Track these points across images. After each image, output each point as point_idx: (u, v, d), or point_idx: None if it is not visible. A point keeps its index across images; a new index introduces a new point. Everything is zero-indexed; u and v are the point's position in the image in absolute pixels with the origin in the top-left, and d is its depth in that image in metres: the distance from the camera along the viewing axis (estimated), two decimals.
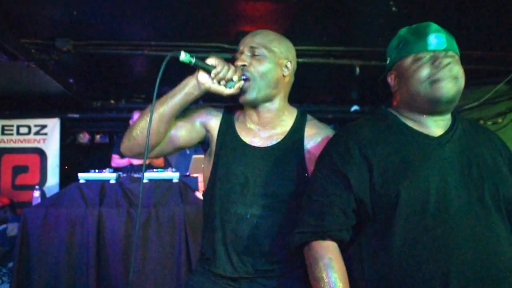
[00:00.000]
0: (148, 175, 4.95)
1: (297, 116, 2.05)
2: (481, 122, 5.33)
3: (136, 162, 5.87)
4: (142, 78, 6.73)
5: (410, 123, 1.71)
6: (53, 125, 7.78)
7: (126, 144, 1.94)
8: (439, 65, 1.60)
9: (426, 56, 1.64)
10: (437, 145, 1.65)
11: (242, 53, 1.96)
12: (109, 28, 4.63)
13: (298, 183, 1.89)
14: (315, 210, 1.65)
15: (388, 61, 1.81)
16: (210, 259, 1.91)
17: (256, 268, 1.86)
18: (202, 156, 2.07)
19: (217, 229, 1.90)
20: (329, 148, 1.76)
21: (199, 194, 5.50)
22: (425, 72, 1.63)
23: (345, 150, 1.67)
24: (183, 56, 1.74)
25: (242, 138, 1.98)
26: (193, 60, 1.77)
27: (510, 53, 4.94)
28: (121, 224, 4.48)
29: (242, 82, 1.89)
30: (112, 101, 7.77)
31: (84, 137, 8.52)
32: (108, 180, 4.82)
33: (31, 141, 7.76)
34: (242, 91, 1.92)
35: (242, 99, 1.94)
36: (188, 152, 9.69)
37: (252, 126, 2.00)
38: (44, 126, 7.77)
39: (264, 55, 1.92)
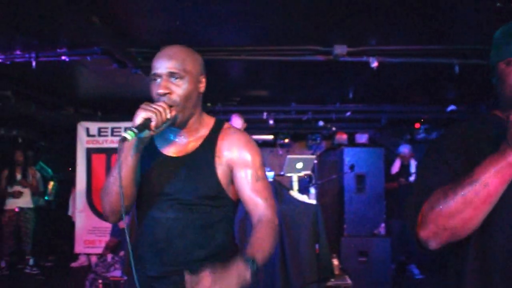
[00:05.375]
0: None
1: (214, 125, 2.09)
2: None
3: None
4: (237, 82, 6.96)
5: None
6: None
7: (107, 212, 2.01)
8: None
9: None
10: None
11: (159, 77, 1.91)
12: (207, 35, 4.84)
13: (209, 186, 1.97)
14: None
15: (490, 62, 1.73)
16: (138, 261, 2.02)
17: (173, 266, 1.96)
18: (297, 156, 2.14)
19: (141, 233, 2.04)
20: (439, 142, 1.72)
21: (294, 193, 5.64)
22: None
23: (453, 145, 1.64)
24: (128, 137, 1.69)
25: (160, 149, 2.05)
26: (135, 132, 1.72)
27: None
28: None
29: (174, 112, 1.90)
30: (208, 104, 8.08)
31: None
32: None
33: None
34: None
35: (171, 124, 1.95)
36: (280, 152, 9.86)
37: (171, 137, 2.05)
38: None
39: (183, 78, 1.91)
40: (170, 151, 2.04)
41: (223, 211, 2.03)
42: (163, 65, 1.89)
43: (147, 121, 1.76)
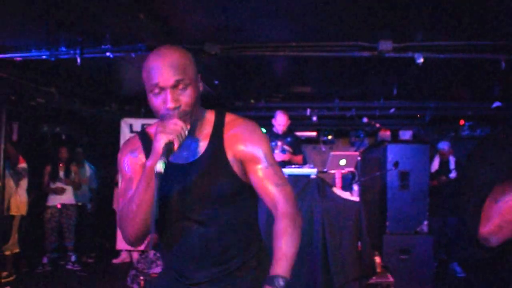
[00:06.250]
0: (287, 171, 5.15)
1: (215, 119, 2.02)
2: None
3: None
4: (281, 78, 6.96)
5: None
6: None
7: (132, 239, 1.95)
8: None
9: None
10: None
11: (162, 90, 1.78)
12: (251, 31, 4.85)
13: (230, 183, 1.92)
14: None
15: None
16: (177, 274, 2.02)
17: (214, 268, 1.96)
18: (340, 152, 2.12)
19: (170, 246, 2.00)
20: (495, 137, 1.74)
21: (337, 190, 5.61)
22: None
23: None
24: (162, 169, 1.65)
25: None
26: (165, 161, 1.68)
27: None
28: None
29: (188, 124, 1.82)
30: (252, 101, 8.11)
31: None
32: None
33: None
34: None
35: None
36: (323, 149, 9.82)
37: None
38: None
39: (186, 85, 1.80)
40: (179, 158, 1.95)
41: (248, 205, 2.03)
42: (166, 76, 1.76)
43: (170, 145, 1.72)
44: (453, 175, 7.77)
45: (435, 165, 8.06)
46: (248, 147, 1.94)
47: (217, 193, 1.91)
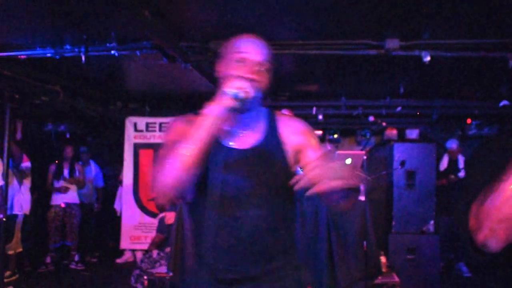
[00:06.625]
0: None
1: (268, 114, 2.06)
2: None
3: None
4: (287, 76, 6.92)
5: None
6: None
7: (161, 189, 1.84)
8: None
9: None
10: None
11: (245, 61, 1.89)
12: (258, 29, 4.77)
13: (285, 176, 1.88)
14: None
15: None
16: (206, 265, 1.95)
17: (255, 267, 1.90)
18: (346, 151, 2.10)
19: (212, 235, 1.91)
20: (492, 142, 1.72)
21: None
22: None
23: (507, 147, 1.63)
24: (239, 96, 1.75)
25: (223, 142, 1.95)
26: (239, 97, 1.76)
27: None
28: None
29: (251, 97, 1.85)
30: None
31: None
32: None
33: None
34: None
35: (235, 108, 1.84)
36: (329, 147, 9.78)
37: (230, 128, 1.96)
38: None
39: (264, 70, 1.91)
40: (236, 143, 1.95)
41: (290, 208, 2.03)
42: (255, 52, 1.91)
43: (241, 92, 1.77)
44: (462, 174, 7.73)
45: (444, 163, 8.05)
46: (304, 138, 2.00)
47: (273, 182, 1.92)
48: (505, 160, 1.51)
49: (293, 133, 2.00)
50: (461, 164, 7.84)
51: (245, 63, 1.89)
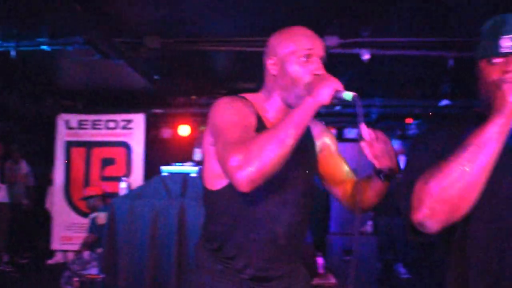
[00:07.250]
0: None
1: None
2: None
3: None
4: (224, 73, 6.84)
5: None
6: (139, 120, 8.10)
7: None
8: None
9: (498, 60, 1.48)
10: None
11: (310, 57, 1.78)
12: (194, 25, 4.74)
13: (313, 174, 1.97)
14: None
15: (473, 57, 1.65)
16: (234, 259, 1.84)
17: (289, 265, 1.88)
18: None
19: (248, 229, 1.82)
20: (426, 135, 1.69)
21: None
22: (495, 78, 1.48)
23: (440, 139, 1.61)
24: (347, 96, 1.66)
25: None
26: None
27: None
28: (202, 216, 4.58)
29: None
30: (193, 97, 7.96)
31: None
32: (189, 173, 4.99)
33: (118, 135, 8.17)
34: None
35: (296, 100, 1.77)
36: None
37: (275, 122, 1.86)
38: (130, 121, 8.11)
39: (323, 63, 1.82)
40: None
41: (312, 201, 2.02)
42: (319, 46, 1.81)
43: (354, 96, 1.67)
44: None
45: None
46: (330, 139, 2.05)
47: (307, 180, 1.91)
48: (449, 141, 1.53)
49: (321, 133, 2.02)
50: (403, 165, 7.88)
51: (308, 60, 1.78)
